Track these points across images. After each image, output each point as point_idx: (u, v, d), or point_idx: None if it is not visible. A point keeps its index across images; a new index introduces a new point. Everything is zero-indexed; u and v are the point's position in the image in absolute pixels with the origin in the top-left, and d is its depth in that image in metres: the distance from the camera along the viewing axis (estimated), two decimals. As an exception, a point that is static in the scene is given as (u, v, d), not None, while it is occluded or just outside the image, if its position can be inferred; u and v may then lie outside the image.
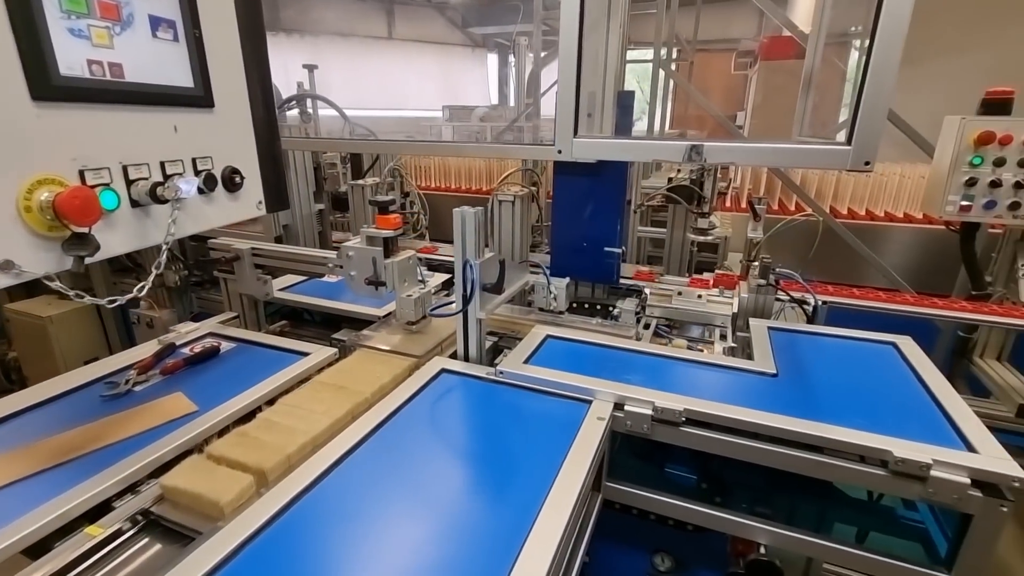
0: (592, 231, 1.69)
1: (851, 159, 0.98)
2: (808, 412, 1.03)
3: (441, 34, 9.57)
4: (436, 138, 6.83)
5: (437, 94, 9.14)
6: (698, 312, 1.63)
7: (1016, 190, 1.79)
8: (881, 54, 0.88)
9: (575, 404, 1.09)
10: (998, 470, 0.85)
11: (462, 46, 9.79)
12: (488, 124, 6.74)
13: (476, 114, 6.95)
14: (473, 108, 7.10)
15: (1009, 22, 4.96)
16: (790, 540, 1.02)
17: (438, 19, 9.56)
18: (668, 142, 1.17)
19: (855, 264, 3.03)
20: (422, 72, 9.49)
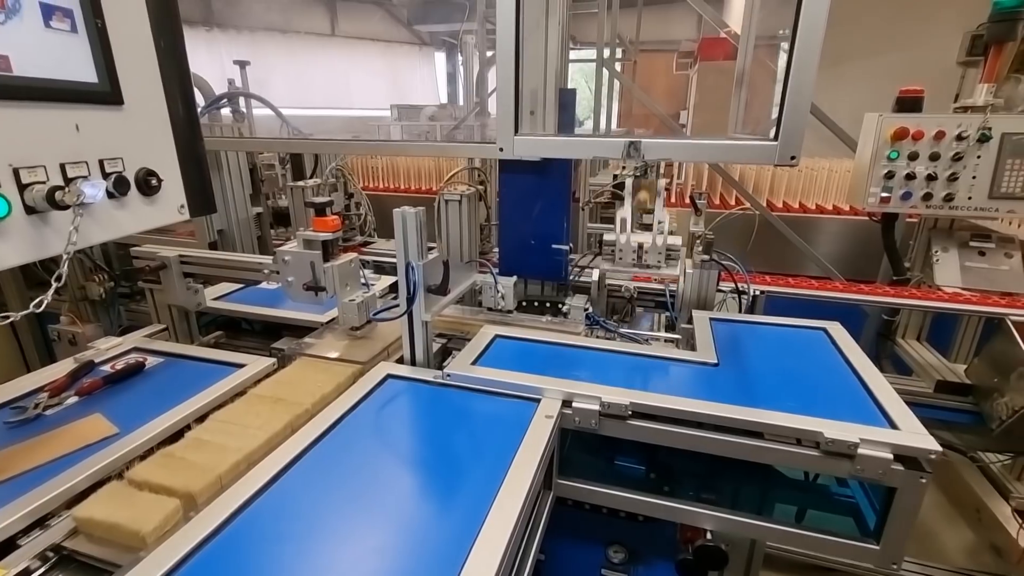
0: (539, 228, 1.69)
1: (778, 154, 1.02)
2: (747, 399, 1.06)
3: (386, 32, 9.38)
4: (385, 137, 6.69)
5: (385, 93, 8.96)
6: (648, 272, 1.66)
7: (928, 182, 1.92)
8: (801, 57, 0.92)
9: (524, 403, 1.08)
10: (917, 444, 0.90)
11: (409, 44, 9.64)
12: (437, 123, 6.66)
13: (425, 113, 6.85)
14: (422, 107, 6.99)
15: (921, 25, 5.35)
16: (734, 524, 1.05)
17: (382, 16, 9.37)
18: (608, 139, 1.18)
19: (792, 254, 3.19)
20: (368, 70, 9.28)
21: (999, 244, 2.01)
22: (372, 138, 6.79)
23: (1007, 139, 1.85)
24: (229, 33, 7.44)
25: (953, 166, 1.90)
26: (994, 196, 1.89)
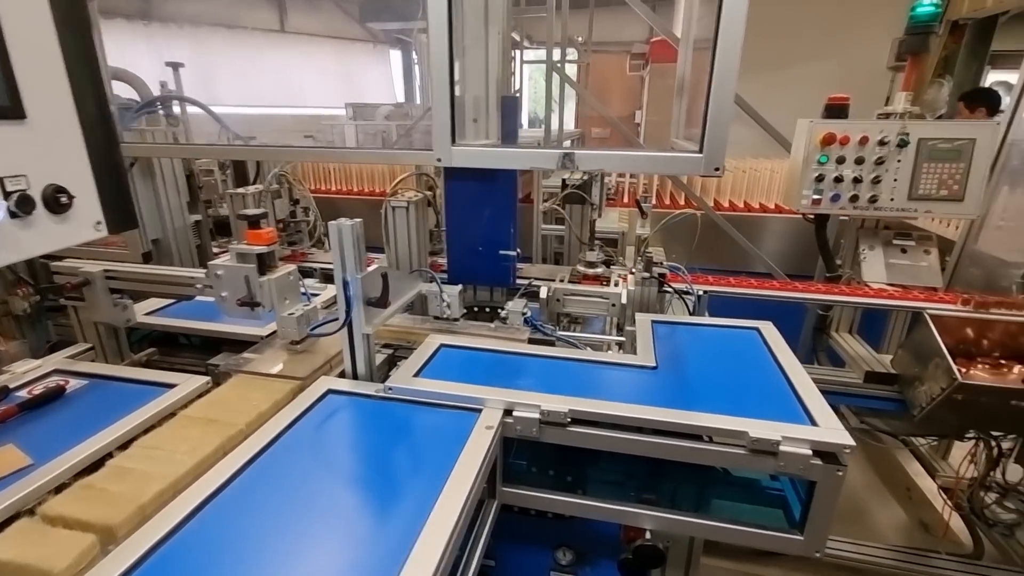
0: (486, 235, 1.70)
1: (703, 166, 1.05)
2: (682, 402, 1.10)
3: (339, 28, 9.16)
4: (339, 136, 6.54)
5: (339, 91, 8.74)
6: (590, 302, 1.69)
7: (855, 184, 2.04)
8: (720, 76, 0.96)
9: (465, 414, 1.08)
10: (834, 440, 0.96)
11: (363, 41, 9.45)
12: (394, 123, 6.56)
13: (380, 112, 6.73)
14: (377, 106, 6.87)
15: (856, 33, 5.65)
16: (671, 523, 1.09)
17: (334, 13, 9.14)
18: (542, 151, 1.19)
19: (738, 252, 3.31)
20: (321, 68, 9.03)
21: (919, 242, 2.15)
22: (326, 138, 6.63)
23: (923, 144, 1.98)
24: (170, 28, 7.09)
25: (876, 169, 2.02)
26: (913, 197, 2.02)
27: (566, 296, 1.71)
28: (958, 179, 1.96)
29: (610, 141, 6.99)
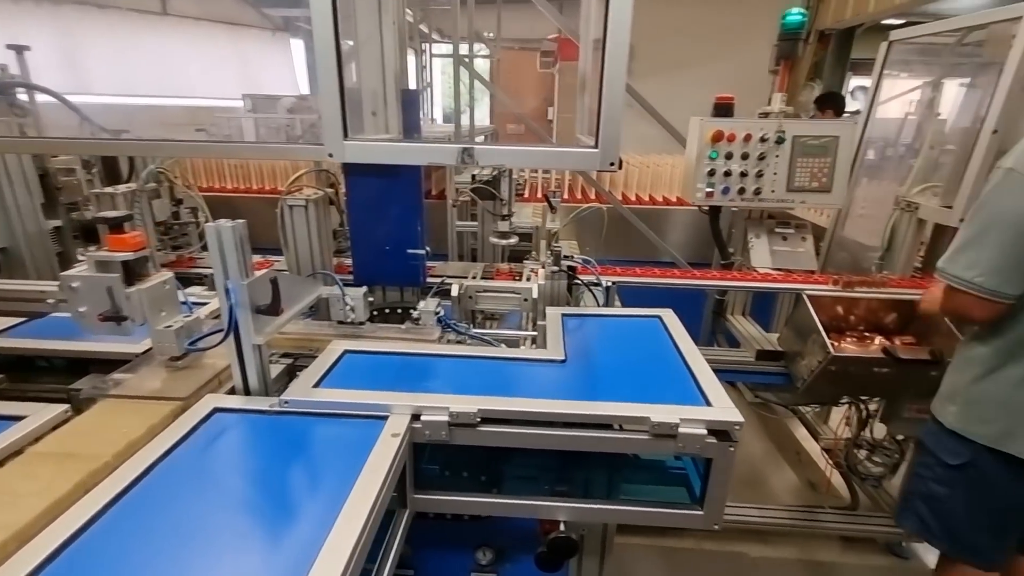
0: (392, 233, 1.64)
1: (599, 161, 1.08)
2: (589, 392, 1.13)
3: (230, 13, 8.46)
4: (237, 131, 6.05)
5: (235, 81, 8.09)
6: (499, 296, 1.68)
7: (741, 178, 2.21)
8: (611, 74, 0.98)
9: (370, 423, 1.03)
10: (726, 418, 1.02)
11: (259, 28, 8.80)
12: (298, 116, 6.17)
13: (283, 104, 6.32)
14: (279, 98, 6.44)
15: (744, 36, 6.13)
16: (583, 512, 1.11)
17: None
18: (441, 145, 1.16)
19: (647, 244, 3.48)
20: (213, 56, 8.30)
21: (797, 230, 2.38)
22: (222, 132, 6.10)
23: (797, 141, 2.18)
24: (22, 5, 6.17)
25: (759, 164, 2.20)
26: (791, 189, 2.22)
27: (478, 293, 1.69)
28: (826, 172, 2.18)
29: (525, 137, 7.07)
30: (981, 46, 2.06)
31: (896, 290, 1.97)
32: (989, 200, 1.32)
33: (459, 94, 2.91)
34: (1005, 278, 1.28)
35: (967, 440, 1.45)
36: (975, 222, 1.34)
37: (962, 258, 1.34)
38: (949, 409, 1.48)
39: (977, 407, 1.42)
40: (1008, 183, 1.27)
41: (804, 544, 2.42)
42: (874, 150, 2.68)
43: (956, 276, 1.34)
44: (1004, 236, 1.27)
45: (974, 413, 1.43)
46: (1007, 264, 1.27)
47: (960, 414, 1.45)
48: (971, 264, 1.31)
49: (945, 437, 1.51)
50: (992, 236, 1.29)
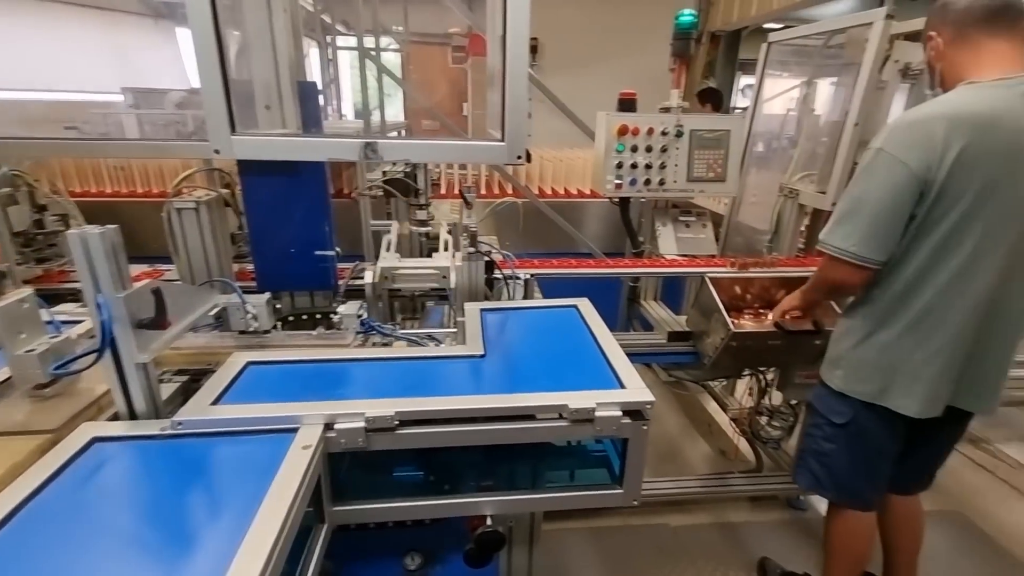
0: (297, 235, 1.54)
1: (507, 154, 1.08)
2: (509, 385, 1.13)
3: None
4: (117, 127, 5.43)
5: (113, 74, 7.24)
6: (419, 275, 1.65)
7: (647, 170, 2.32)
8: (512, 69, 0.99)
9: (279, 437, 0.96)
10: (638, 399, 1.06)
11: (138, 15, 7.94)
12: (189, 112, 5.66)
13: (170, 99, 5.76)
14: (166, 92, 5.87)
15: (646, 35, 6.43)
16: (508, 504, 1.12)
17: (94, -23, 7.51)
18: (343, 140, 1.11)
19: (564, 236, 3.57)
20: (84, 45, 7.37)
21: (698, 217, 2.54)
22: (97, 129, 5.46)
23: (694, 135, 2.33)
24: None
25: (662, 156, 2.32)
26: (691, 179, 2.37)
27: (395, 273, 1.64)
28: (720, 163, 2.35)
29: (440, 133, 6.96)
30: (843, 48, 2.32)
31: (784, 269, 2.17)
32: (862, 177, 1.46)
33: (367, 89, 2.81)
34: (875, 246, 1.44)
35: (850, 399, 1.63)
36: (850, 198, 1.48)
37: (840, 230, 1.48)
38: (836, 374, 1.66)
39: (858, 370, 1.60)
40: (878, 162, 1.41)
41: (717, 508, 2.61)
42: (761, 143, 2.92)
43: (836, 247, 1.48)
44: (875, 209, 1.41)
45: (856, 375, 1.61)
46: (877, 233, 1.43)
47: (845, 377, 1.63)
48: (847, 235, 1.46)
49: (831, 399, 1.68)
50: (865, 209, 1.43)
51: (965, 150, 1.33)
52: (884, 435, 1.65)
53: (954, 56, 1.45)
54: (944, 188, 1.36)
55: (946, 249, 1.42)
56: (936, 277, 1.45)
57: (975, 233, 1.40)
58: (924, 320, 1.48)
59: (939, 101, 1.43)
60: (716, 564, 2.31)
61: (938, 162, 1.34)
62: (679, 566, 2.29)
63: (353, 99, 8.71)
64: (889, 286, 1.51)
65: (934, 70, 1.51)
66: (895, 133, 1.41)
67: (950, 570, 2.28)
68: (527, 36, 0.99)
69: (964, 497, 2.76)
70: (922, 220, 1.41)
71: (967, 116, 1.34)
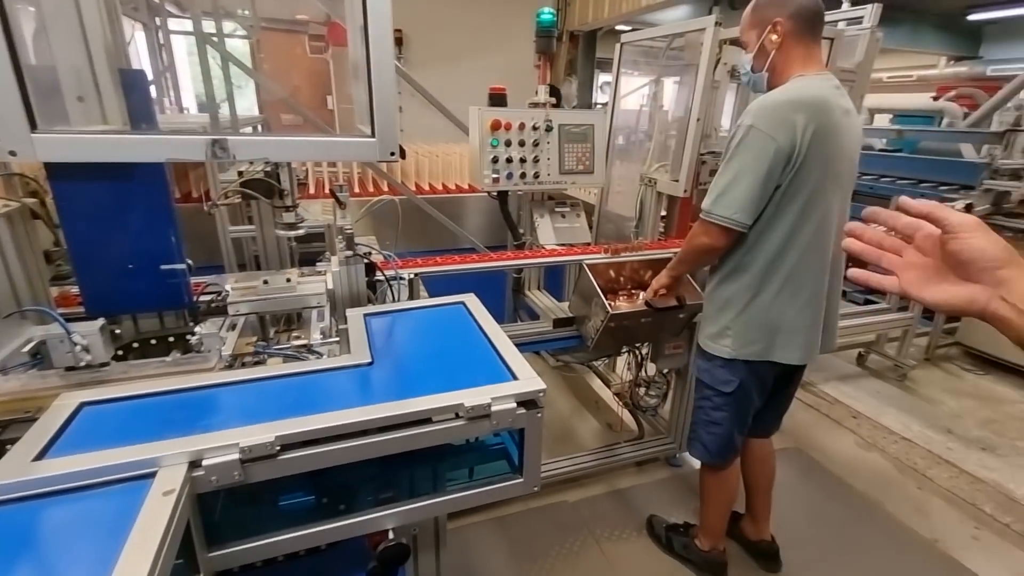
0: (137, 248, 1.33)
1: (378, 151, 1.03)
2: (401, 391, 1.09)
3: None
4: None
5: None
6: (292, 297, 1.52)
7: (521, 163, 2.38)
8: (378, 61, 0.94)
9: (131, 487, 0.82)
10: (530, 388, 1.09)
11: None
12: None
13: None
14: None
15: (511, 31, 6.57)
16: (410, 513, 1.08)
17: None
18: (184, 137, 0.97)
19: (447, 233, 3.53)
20: None
21: (572, 208, 2.68)
22: None
23: (563, 129, 2.44)
24: None
25: (535, 150, 2.40)
26: (563, 172, 2.48)
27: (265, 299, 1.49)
28: (588, 156, 2.50)
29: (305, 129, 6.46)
30: (683, 51, 2.58)
31: (650, 252, 2.37)
32: (738, 152, 1.61)
33: (210, 79, 2.50)
34: (751, 212, 1.64)
35: (737, 365, 1.82)
36: (729, 171, 1.63)
37: (723, 201, 1.64)
38: (723, 343, 1.83)
39: (745, 334, 1.79)
40: (751, 137, 1.58)
41: (609, 477, 2.80)
42: (622, 136, 3.16)
43: (721, 216, 1.64)
44: (752, 179, 1.60)
45: (744, 339, 1.79)
46: (753, 200, 1.62)
47: (734, 343, 1.81)
48: (729, 205, 1.64)
49: (719, 370, 1.87)
50: (744, 181, 1.61)
51: (815, 130, 1.57)
52: (760, 390, 1.90)
53: (790, 48, 1.66)
54: (804, 161, 1.59)
55: (805, 215, 1.66)
56: (799, 240, 1.68)
57: (824, 199, 1.67)
58: (793, 279, 1.72)
59: (789, 89, 1.63)
60: (612, 529, 2.48)
61: (799, 139, 1.57)
62: (579, 537, 2.42)
63: (196, 91, 7.75)
64: (761, 254, 1.72)
65: (768, 55, 1.68)
66: (763, 113, 1.58)
67: (794, 495, 2.70)
68: (390, 26, 0.95)
69: (798, 433, 3.28)
70: (785, 189, 1.64)
71: (812, 101, 1.57)
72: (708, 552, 2.22)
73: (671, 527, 2.40)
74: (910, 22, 9.74)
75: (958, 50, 10.46)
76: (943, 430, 3.36)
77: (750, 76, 1.75)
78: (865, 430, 3.36)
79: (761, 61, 1.69)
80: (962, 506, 2.74)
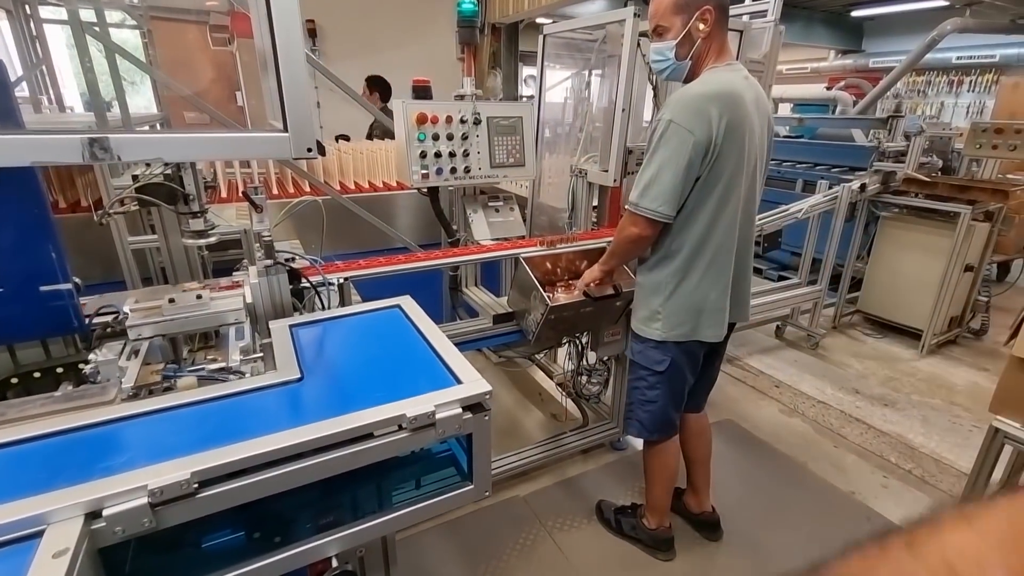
0: (8, 267, 1.15)
1: (292, 147, 0.94)
2: (337, 406, 1.01)
3: None
4: None
5: None
6: (203, 316, 1.37)
7: (451, 158, 2.32)
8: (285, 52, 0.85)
9: (12, 551, 0.70)
10: (476, 391, 1.05)
11: None
12: None
13: None
14: None
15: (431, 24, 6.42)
16: (355, 536, 1.01)
17: None
18: (53, 136, 0.83)
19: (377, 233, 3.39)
20: None
21: (505, 201, 2.65)
22: None
23: (492, 122, 2.39)
24: None
25: (464, 144, 2.34)
26: (494, 165, 2.44)
27: (171, 319, 1.34)
28: (518, 148, 2.47)
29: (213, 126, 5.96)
30: (606, 42, 2.61)
31: (584, 242, 2.39)
32: (659, 147, 1.65)
33: (93, 73, 2.22)
34: (674, 203, 1.69)
35: (668, 345, 1.89)
36: (652, 165, 1.67)
37: (649, 194, 1.69)
38: (654, 327, 1.90)
39: (674, 317, 1.86)
40: (670, 132, 1.62)
41: (557, 468, 2.82)
42: (549, 128, 3.16)
43: (648, 208, 1.69)
44: (673, 172, 1.65)
45: (672, 322, 1.87)
46: (676, 192, 1.67)
47: (663, 326, 1.88)
48: (655, 198, 1.68)
49: (652, 351, 1.93)
50: (666, 175, 1.65)
51: (728, 122, 1.63)
52: (690, 367, 1.97)
53: (712, 38, 1.69)
54: (720, 152, 1.66)
55: (722, 203, 1.74)
56: (719, 226, 1.77)
57: (738, 185, 1.74)
58: (714, 264, 1.81)
59: (704, 82, 1.67)
60: (564, 518, 2.50)
61: (715, 131, 1.62)
62: (532, 530, 2.42)
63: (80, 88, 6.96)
64: (687, 241, 1.78)
65: (693, 44, 1.67)
66: (680, 107, 1.64)
67: (728, 465, 2.85)
68: (297, 14, 0.86)
69: (728, 406, 3.47)
70: (705, 179, 1.69)
71: (725, 94, 1.63)
72: (655, 530, 2.29)
73: (619, 509, 2.45)
74: (803, 18, 10.59)
75: (844, 44, 11.51)
76: (852, 391, 3.69)
77: (671, 64, 1.72)
78: (787, 397, 3.61)
79: (686, 49, 1.69)
80: (871, 459, 3.02)
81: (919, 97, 11.01)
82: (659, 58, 1.74)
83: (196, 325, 1.34)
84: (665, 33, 1.70)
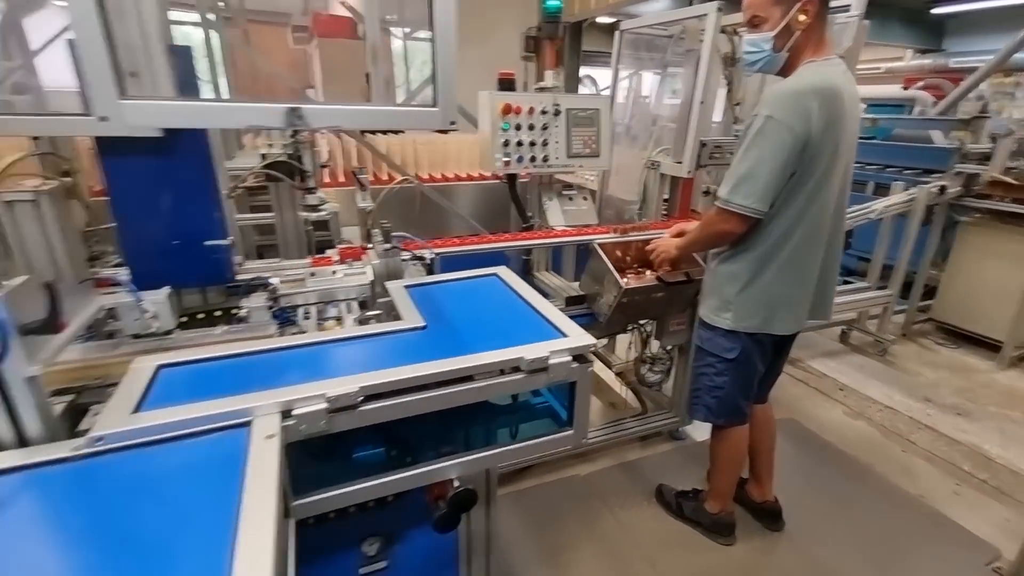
0: (182, 224, 1.36)
1: (441, 120, 1.09)
2: (459, 349, 1.15)
3: None
4: None
5: None
6: (339, 288, 1.56)
7: (531, 147, 2.44)
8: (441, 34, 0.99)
9: (230, 434, 0.87)
10: (583, 343, 1.17)
11: None
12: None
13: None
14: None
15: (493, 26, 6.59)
16: (471, 463, 1.15)
17: None
18: (263, 104, 1.01)
19: (444, 219, 3.57)
20: None
21: (579, 191, 2.75)
22: None
23: (570, 113, 2.50)
24: None
25: (544, 134, 2.46)
26: (571, 156, 2.55)
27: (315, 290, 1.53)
28: (594, 139, 2.57)
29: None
30: (683, 37, 2.67)
31: (655, 232, 2.46)
32: (756, 142, 1.62)
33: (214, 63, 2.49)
34: (767, 200, 1.65)
35: (739, 335, 1.91)
36: (747, 160, 1.63)
37: (742, 190, 1.65)
38: (725, 316, 1.91)
39: (745, 308, 1.87)
40: (768, 127, 1.59)
41: (616, 452, 2.90)
42: (620, 122, 3.25)
43: (740, 204, 1.66)
44: (769, 168, 1.60)
45: (743, 313, 1.87)
46: (769, 188, 1.63)
47: (734, 317, 1.89)
48: (748, 194, 1.64)
49: (721, 339, 1.96)
50: (762, 170, 1.61)
51: (826, 117, 1.58)
52: (760, 357, 2.00)
53: (812, 30, 1.62)
54: (816, 148, 1.61)
55: (812, 200, 1.71)
56: (804, 222, 1.71)
57: (829, 182, 1.72)
58: (794, 261, 1.79)
59: (803, 77, 1.63)
60: (623, 498, 2.58)
61: (813, 128, 1.57)
62: (593, 506, 2.52)
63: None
64: (768, 236, 1.77)
65: (791, 35, 1.63)
66: (779, 103, 1.59)
67: (791, 461, 2.84)
68: (452, 11, 1.01)
69: (792, 405, 3.44)
70: (798, 177, 1.65)
71: (824, 89, 1.58)
72: (718, 514, 2.33)
73: (680, 493, 2.51)
74: (878, 16, 10.11)
75: (923, 43, 10.90)
76: (922, 399, 3.57)
77: (766, 55, 1.67)
78: (852, 401, 3.54)
79: (783, 41, 1.64)
80: (943, 465, 2.93)
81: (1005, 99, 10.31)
82: (753, 49, 1.70)
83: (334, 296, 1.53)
84: (762, 24, 1.65)
